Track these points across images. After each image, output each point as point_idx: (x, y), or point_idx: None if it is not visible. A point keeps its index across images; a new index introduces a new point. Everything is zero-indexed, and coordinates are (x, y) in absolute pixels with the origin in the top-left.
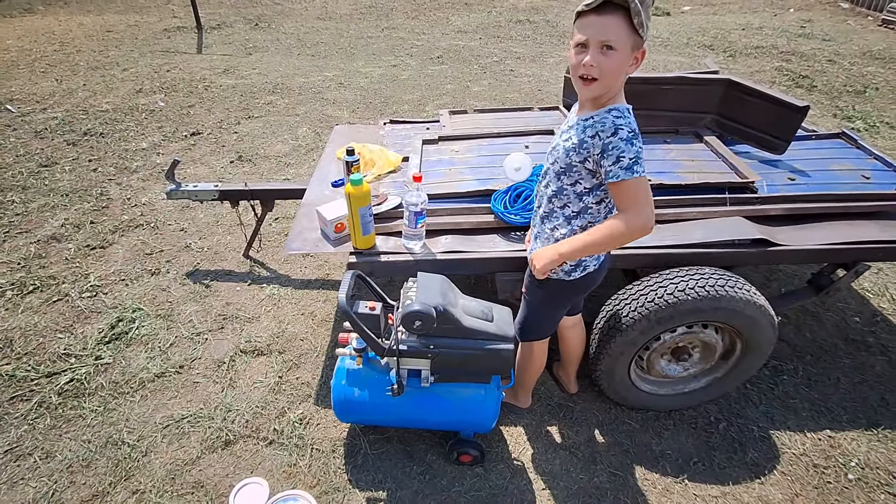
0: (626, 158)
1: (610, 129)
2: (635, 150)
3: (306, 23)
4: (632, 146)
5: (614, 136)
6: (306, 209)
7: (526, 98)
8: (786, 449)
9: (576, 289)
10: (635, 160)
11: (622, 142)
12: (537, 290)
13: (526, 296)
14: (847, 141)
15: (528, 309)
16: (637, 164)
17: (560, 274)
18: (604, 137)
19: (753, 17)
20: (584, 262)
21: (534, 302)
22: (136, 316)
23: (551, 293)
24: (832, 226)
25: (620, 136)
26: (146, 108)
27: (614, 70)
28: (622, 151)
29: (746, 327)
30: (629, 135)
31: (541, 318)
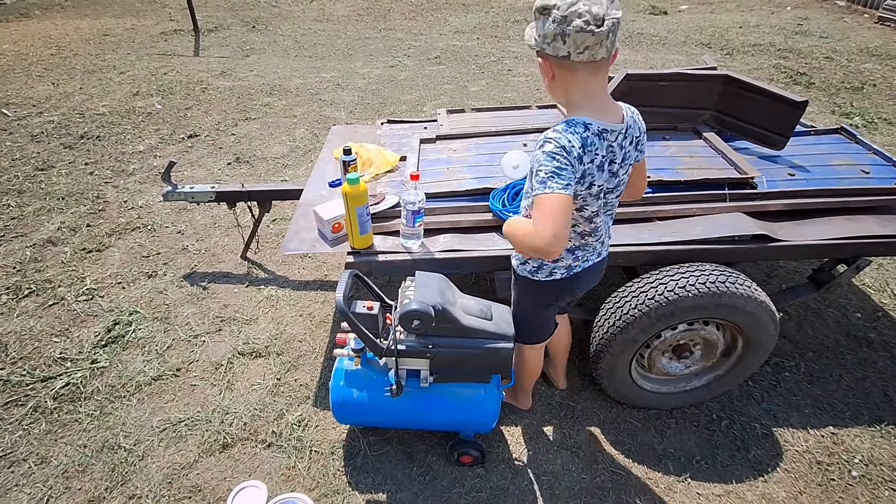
0: (542, 172)
1: (541, 141)
2: (553, 166)
3: (303, 25)
4: (551, 160)
5: (540, 149)
6: (303, 209)
7: (523, 97)
8: (789, 446)
9: (546, 291)
10: (550, 174)
11: (543, 154)
12: (517, 289)
13: (513, 296)
14: (846, 136)
15: (516, 307)
16: (552, 178)
17: (525, 272)
18: (537, 147)
19: (750, 16)
20: (551, 266)
21: (516, 301)
22: (133, 319)
23: (526, 292)
24: (832, 221)
25: (544, 148)
26: (143, 111)
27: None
28: (540, 165)
29: (748, 324)
30: (553, 149)
31: (530, 319)
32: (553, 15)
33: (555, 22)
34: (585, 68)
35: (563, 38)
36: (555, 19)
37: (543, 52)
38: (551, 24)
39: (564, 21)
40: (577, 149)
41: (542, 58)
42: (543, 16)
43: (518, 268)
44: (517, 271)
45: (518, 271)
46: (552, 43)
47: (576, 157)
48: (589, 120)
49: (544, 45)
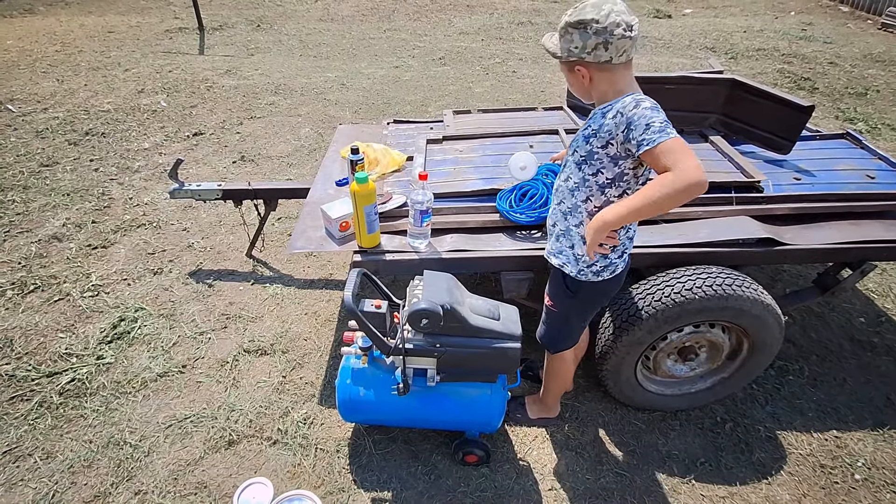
0: (657, 122)
1: (631, 104)
2: (663, 116)
3: (308, 24)
4: (658, 112)
5: (637, 108)
6: (310, 208)
7: (528, 99)
8: (792, 449)
9: (607, 290)
10: (666, 123)
11: (647, 110)
12: (567, 300)
13: (552, 308)
14: (851, 141)
15: (558, 320)
16: (669, 126)
17: (589, 276)
18: (626, 112)
19: (755, 20)
20: (613, 262)
21: (563, 312)
22: (139, 315)
23: (584, 299)
24: (838, 225)
25: (644, 105)
26: (148, 109)
27: (571, 87)
28: (650, 119)
29: (753, 326)
30: (652, 104)
31: (572, 328)
32: (594, 27)
33: (596, 33)
34: (623, 66)
35: (605, 46)
36: (596, 31)
37: (583, 60)
38: (593, 36)
39: (606, 31)
40: None
41: (581, 66)
42: (579, 29)
43: (577, 274)
44: (576, 278)
45: (578, 278)
46: (593, 51)
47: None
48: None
49: (584, 54)
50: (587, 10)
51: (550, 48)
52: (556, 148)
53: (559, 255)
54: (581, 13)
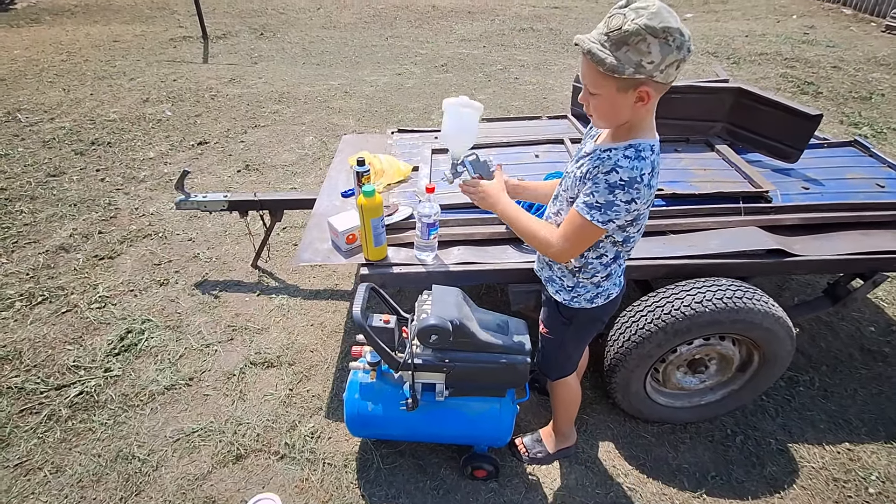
0: (594, 199)
1: (608, 166)
2: (608, 198)
3: (311, 32)
4: (610, 192)
5: (604, 175)
6: (316, 220)
7: (531, 106)
8: (805, 462)
9: (602, 315)
10: (600, 207)
11: (605, 183)
12: (563, 328)
13: (549, 335)
14: (860, 149)
15: (555, 347)
16: (599, 210)
17: (582, 303)
18: (598, 170)
19: (756, 24)
20: (608, 288)
21: (559, 339)
22: (145, 327)
23: (579, 326)
24: (848, 235)
25: (609, 178)
26: (153, 118)
27: (604, 112)
28: (597, 190)
29: (764, 339)
30: (618, 181)
31: (570, 354)
32: (678, 39)
33: (679, 48)
34: None
35: (678, 65)
36: (679, 45)
37: (652, 80)
38: (675, 51)
39: (685, 47)
40: (648, 175)
41: (648, 86)
42: (661, 39)
43: (569, 302)
44: (568, 305)
45: (570, 305)
46: (666, 69)
47: (646, 184)
48: (653, 140)
49: (657, 72)
50: (665, 15)
51: (608, 61)
52: (562, 157)
53: (550, 283)
54: (664, 18)
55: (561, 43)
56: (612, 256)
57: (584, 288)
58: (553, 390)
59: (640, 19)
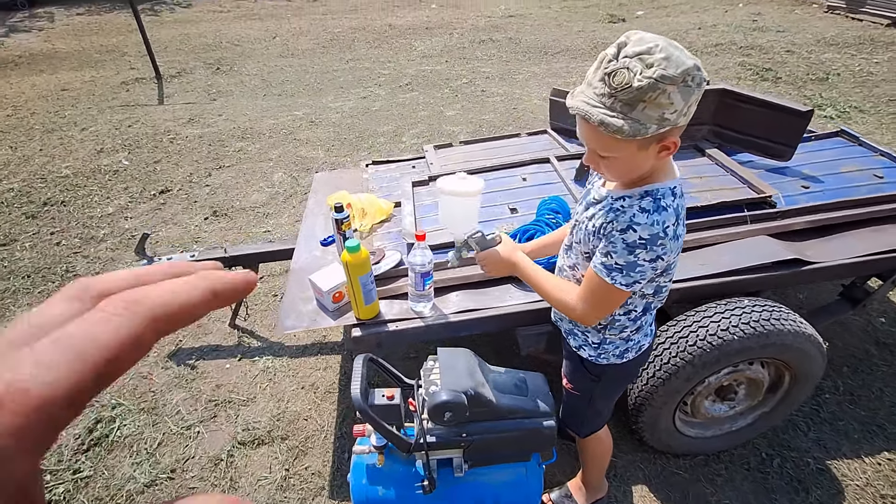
0: (613, 260)
1: (624, 223)
2: (629, 259)
3: (269, 62)
4: (629, 253)
5: (620, 233)
6: (297, 276)
7: (502, 118)
8: (848, 481)
9: (633, 369)
10: (621, 269)
11: (623, 243)
12: (591, 384)
13: (574, 391)
14: (847, 139)
15: (582, 403)
16: (620, 272)
17: (611, 359)
18: (613, 227)
19: (706, 16)
20: (639, 340)
21: (586, 397)
22: (117, 414)
23: (608, 382)
24: (860, 234)
25: (626, 237)
26: (109, 169)
27: (622, 171)
28: (615, 251)
29: (796, 360)
30: (637, 241)
31: (599, 410)
32: (696, 77)
33: (699, 85)
34: None
35: (697, 102)
36: (699, 83)
37: (678, 126)
38: (696, 90)
39: (703, 81)
40: (672, 227)
41: (672, 135)
42: (680, 85)
43: (596, 358)
44: (595, 362)
45: (596, 361)
46: (689, 110)
47: (671, 237)
48: (672, 183)
49: (681, 118)
50: (676, 56)
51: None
52: (551, 178)
53: (573, 336)
54: (676, 61)
55: (522, 51)
56: (642, 309)
57: (612, 344)
58: (582, 446)
59: (654, 70)
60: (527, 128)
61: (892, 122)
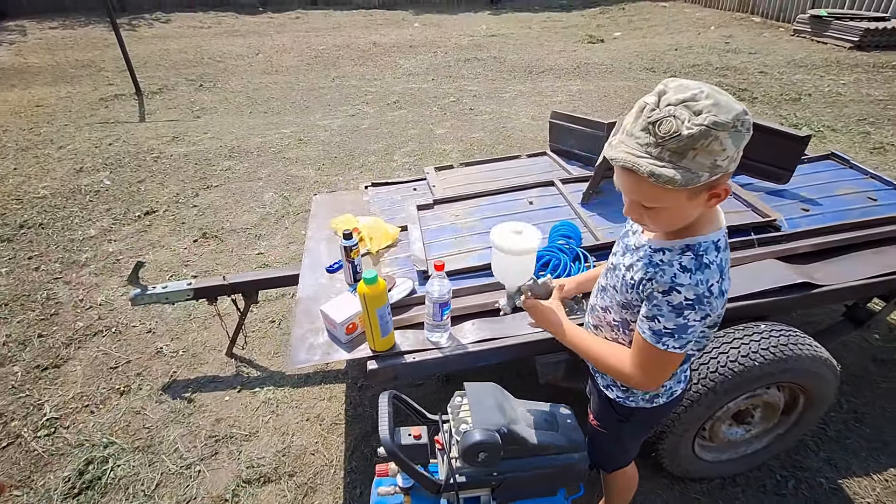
0: (661, 325)
1: (665, 284)
2: (678, 322)
3: (253, 79)
4: (677, 316)
5: (663, 296)
6: (304, 306)
7: (492, 136)
8: (859, 499)
9: (663, 413)
10: (672, 333)
11: (668, 306)
12: (619, 424)
13: (601, 429)
14: (838, 161)
15: (609, 441)
16: (671, 336)
17: (640, 402)
18: (654, 287)
19: (680, 38)
20: (671, 387)
21: (614, 435)
22: (109, 454)
23: (637, 424)
24: (861, 256)
25: (670, 300)
26: (90, 189)
27: (669, 222)
28: (661, 314)
29: (812, 383)
30: (683, 302)
31: (627, 448)
32: (746, 122)
33: (748, 130)
34: None
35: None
36: (748, 127)
37: (728, 172)
38: (746, 134)
39: (751, 126)
40: (717, 284)
41: (721, 182)
42: (731, 130)
43: (624, 400)
44: (623, 403)
45: (624, 403)
46: (738, 155)
47: (717, 295)
48: (715, 235)
49: (732, 164)
50: (725, 101)
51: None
52: (556, 202)
53: (601, 376)
54: (726, 106)
55: (507, 70)
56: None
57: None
58: (606, 478)
59: (704, 117)
60: (517, 146)
61: (863, 140)
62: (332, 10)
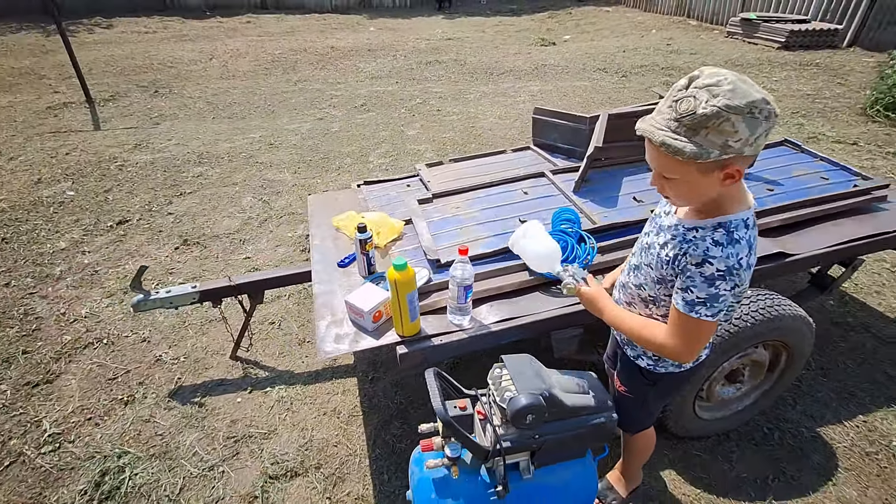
0: (694, 295)
1: (698, 257)
2: (710, 291)
3: (210, 84)
4: (709, 286)
5: (696, 267)
6: (324, 300)
7: (463, 136)
8: (837, 443)
9: (689, 376)
10: (704, 301)
11: (701, 277)
12: (646, 388)
13: (628, 394)
14: (791, 147)
15: (635, 405)
16: (704, 305)
17: (669, 368)
18: (687, 261)
19: (626, 40)
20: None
21: (640, 399)
22: (125, 463)
23: (664, 387)
24: (823, 228)
25: (703, 272)
26: (53, 201)
27: (685, 195)
28: (694, 285)
29: (794, 339)
30: (715, 273)
31: (652, 410)
32: (765, 110)
33: (767, 118)
34: None
35: (768, 133)
36: (767, 115)
37: (742, 156)
38: (763, 122)
39: (774, 113)
40: (745, 258)
41: (737, 164)
42: (747, 115)
43: (654, 367)
44: (653, 370)
45: (654, 370)
46: (757, 141)
47: (745, 267)
48: (745, 214)
49: (746, 147)
50: (744, 88)
51: (688, 150)
52: (550, 191)
53: (630, 347)
54: (743, 92)
55: (468, 72)
56: None
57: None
58: (628, 439)
59: (719, 100)
60: (488, 144)
61: (798, 131)
62: (283, 15)
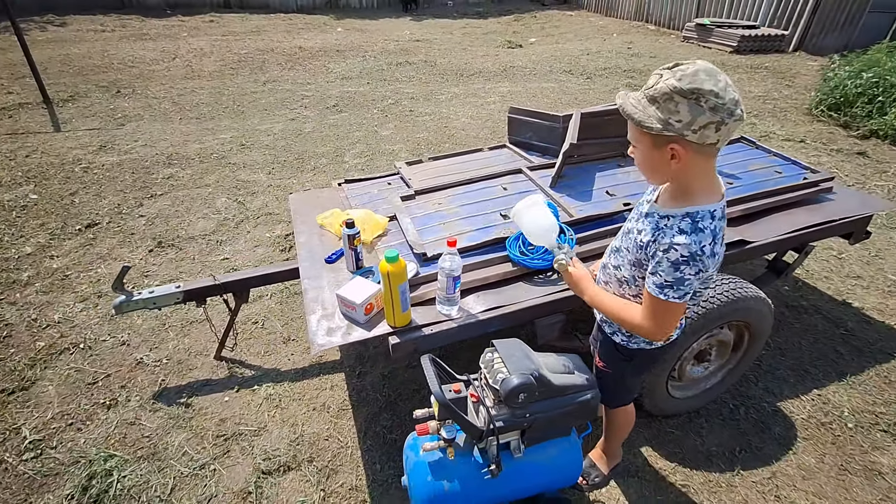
0: (662, 278)
1: (665, 244)
2: (675, 275)
3: (175, 84)
4: (675, 270)
5: (664, 253)
6: (313, 295)
7: (436, 136)
8: (795, 416)
9: (662, 354)
10: (671, 285)
11: (667, 262)
12: (623, 364)
13: (606, 370)
14: (746, 143)
15: (613, 380)
16: (671, 288)
17: (641, 344)
18: (657, 247)
19: (589, 44)
20: None
21: (618, 374)
22: (111, 466)
23: (639, 363)
24: (778, 217)
25: (669, 257)
26: (15, 205)
27: (641, 164)
28: (662, 269)
29: (756, 320)
30: (679, 259)
31: (630, 385)
32: (711, 101)
33: (713, 110)
34: (717, 153)
35: (717, 127)
36: (713, 107)
37: (683, 139)
38: (708, 112)
39: (724, 109)
40: (709, 246)
41: (678, 145)
42: (690, 100)
43: (627, 343)
44: (626, 346)
45: (627, 346)
46: (701, 130)
47: (708, 255)
48: (713, 206)
49: (687, 131)
50: (701, 77)
51: (636, 115)
52: (528, 187)
53: (607, 324)
54: (695, 80)
55: (439, 73)
56: None
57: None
58: (609, 415)
59: (671, 80)
60: (461, 143)
61: (751, 130)
62: (248, 14)
